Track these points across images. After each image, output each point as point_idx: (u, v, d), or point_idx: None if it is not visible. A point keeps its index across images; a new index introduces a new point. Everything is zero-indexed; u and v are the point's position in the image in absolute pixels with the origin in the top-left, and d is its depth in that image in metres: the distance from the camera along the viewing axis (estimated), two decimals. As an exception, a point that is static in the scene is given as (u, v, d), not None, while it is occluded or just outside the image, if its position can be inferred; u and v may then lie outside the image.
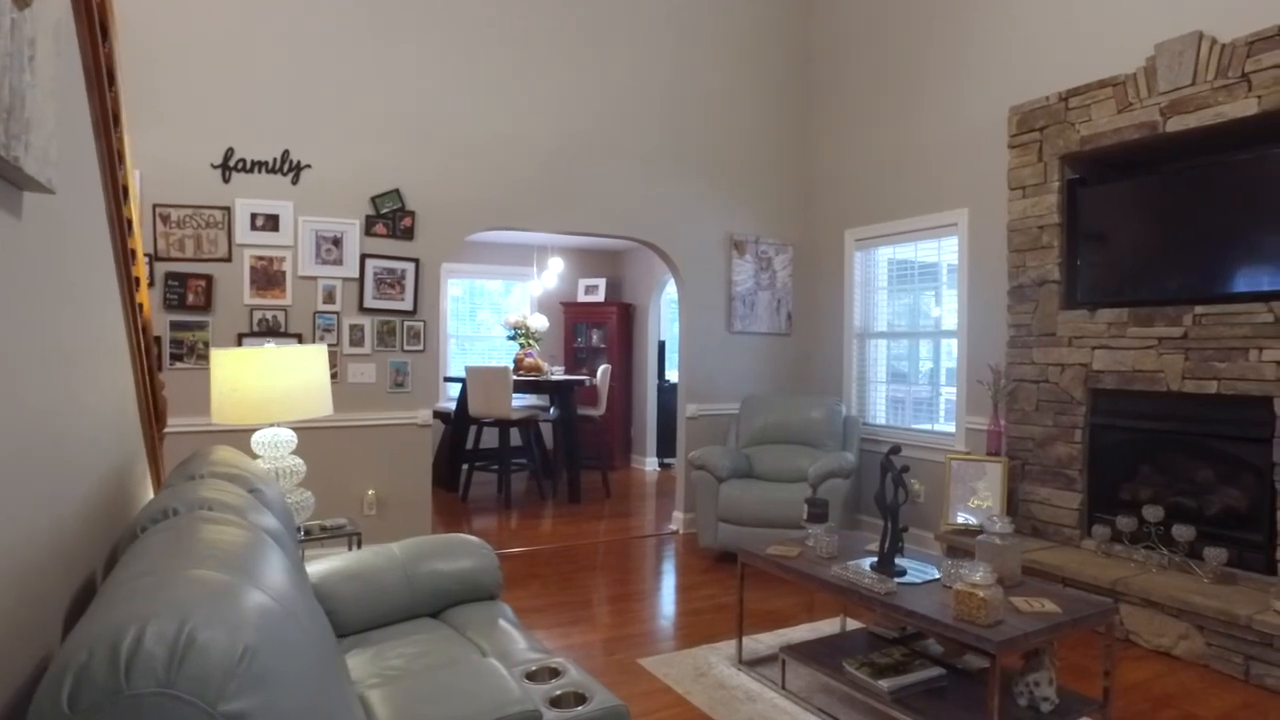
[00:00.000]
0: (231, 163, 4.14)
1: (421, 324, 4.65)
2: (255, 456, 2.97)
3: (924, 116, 5.06)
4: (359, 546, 3.06)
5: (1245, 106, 3.37)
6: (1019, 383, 4.33)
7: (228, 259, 4.14)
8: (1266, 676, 3.03)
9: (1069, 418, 4.10)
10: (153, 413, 2.33)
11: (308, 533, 3.22)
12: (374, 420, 4.51)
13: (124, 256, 1.73)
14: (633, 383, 8.41)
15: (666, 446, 8.09)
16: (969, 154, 4.75)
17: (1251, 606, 3.10)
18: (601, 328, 8.38)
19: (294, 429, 3.45)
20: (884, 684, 2.57)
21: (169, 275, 4.00)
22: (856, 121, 5.57)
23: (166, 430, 2.90)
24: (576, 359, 8.56)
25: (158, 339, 3.91)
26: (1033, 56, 4.40)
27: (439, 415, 6.98)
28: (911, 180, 5.14)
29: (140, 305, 2.20)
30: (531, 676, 1.85)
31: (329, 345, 4.40)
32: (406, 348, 4.61)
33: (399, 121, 4.56)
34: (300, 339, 4.35)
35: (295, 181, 4.31)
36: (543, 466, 7.08)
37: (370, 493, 4.51)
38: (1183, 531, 3.51)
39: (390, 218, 4.54)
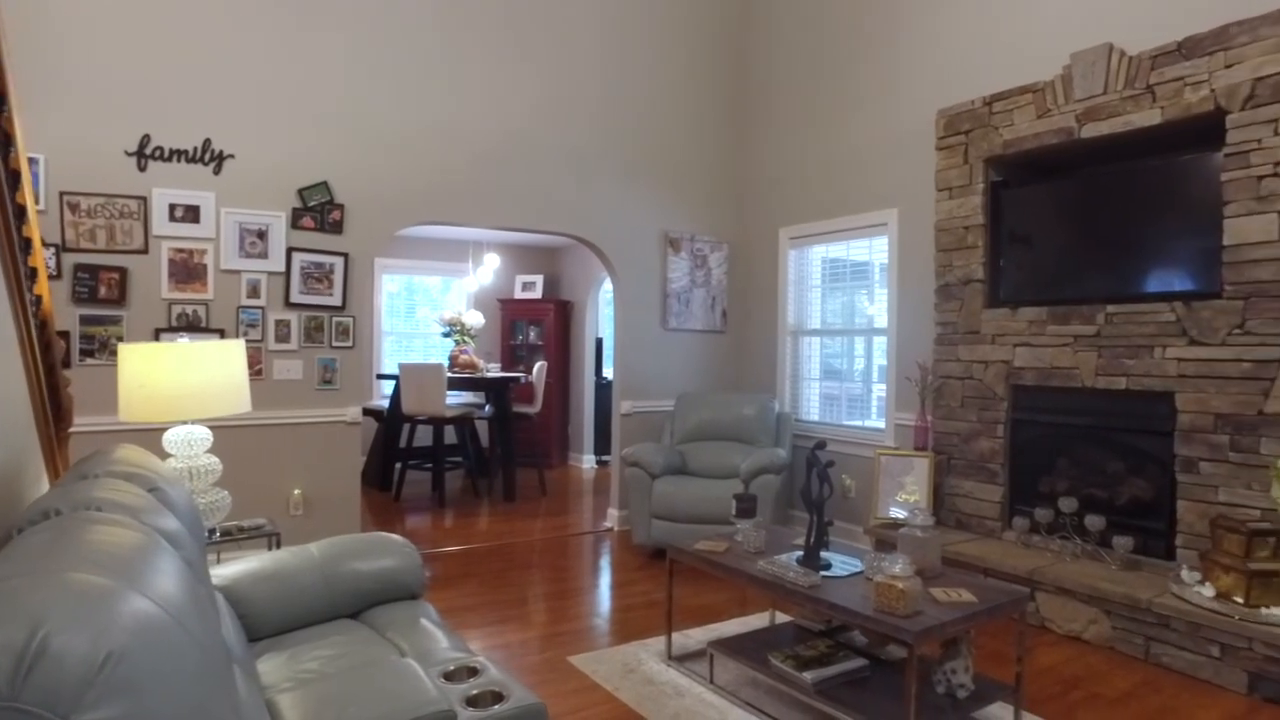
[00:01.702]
0: (148, 150, 3.97)
1: (351, 320, 4.54)
2: (167, 456, 2.86)
3: (856, 118, 5.16)
4: (278, 547, 2.97)
5: (1150, 116, 3.53)
6: (945, 379, 4.46)
7: (144, 251, 3.97)
8: (1163, 655, 3.19)
9: (992, 413, 4.23)
10: (51, 411, 2.22)
11: (225, 534, 3.11)
12: (301, 418, 4.39)
13: (10, 245, 1.64)
14: (570, 380, 8.38)
15: (604, 444, 8.08)
16: (899, 155, 4.86)
17: (1152, 590, 3.26)
18: (539, 325, 8.33)
19: (213, 427, 3.34)
20: (808, 676, 2.61)
21: (78, 267, 3.81)
22: (790, 122, 5.65)
23: (72, 430, 2.76)
24: (514, 356, 8.49)
25: (65, 334, 3.73)
26: (959, 62, 4.52)
27: (371, 413, 6.84)
28: (844, 180, 5.24)
29: (39, 297, 2.08)
30: (449, 676, 1.83)
31: (253, 341, 4.26)
32: (335, 344, 4.50)
33: (327, 112, 4.44)
34: (223, 334, 4.21)
35: (217, 172, 4.16)
36: (478, 465, 6.99)
37: (296, 492, 4.39)
38: (1094, 521, 3.67)
39: (318, 210, 4.42)
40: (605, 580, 4.38)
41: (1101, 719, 2.76)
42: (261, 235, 4.28)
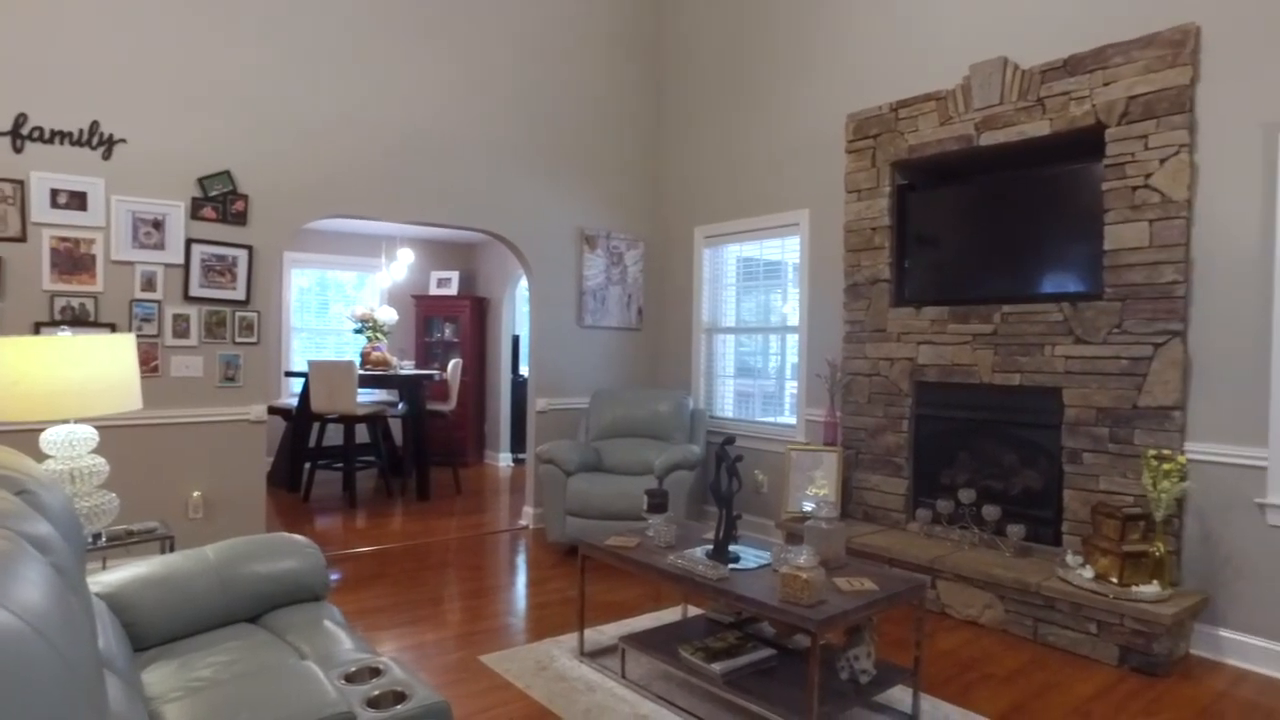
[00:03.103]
0: (25, 131, 3.71)
1: (255, 315, 4.36)
2: (45, 457, 2.68)
3: (770, 120, 5.26)
4: (172, 550, 2.83)
5: (1041, 127, 3.73)
6: (853, 376, 4.60)
7: (21, 238, 3.72)
8: (1049, 635, 3.38)
9: (897, 409, 4.39)
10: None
11: (113, 538, 2.95)
12: (200, 417, 4.20)
13: None
14: (486, 377, 8.27)
15: (521, 442, 8.02)
16: (811, 157, 4.98)
17: (1040, 575, 3.45)
18: (454, 321, 8.19)
19: (101, 426, 3.16)
20: (716, 667, 2.66)
21: (-54, 255, 3.55)
22: (706, 122, 5.72)
23: (-63, 429, 2.57)
24: (429, 353, 8.33)
25: (-69, 327, 3.47)
26: (868, 68, 4.66)
27: (279, 412, 6.59)
28: (758, 181, 5.34)
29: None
30: (351, 678, 1.78)
31: (148, 336, 4.05)
32: (238, 340, 4.31)
33: (231, 98, 4.25)
34: (114, 329, 3.98)
35: (107, 156, 3.93)
36: (391, 464, 6.83)
37: (196, 494, 4.20)
38: (990, 511, 3.85)
39: (220, 201, 4.23)
40: (519, 578, 4.35)
41: (993, 697, 2.90)
42: (158, 225, 4.06)
